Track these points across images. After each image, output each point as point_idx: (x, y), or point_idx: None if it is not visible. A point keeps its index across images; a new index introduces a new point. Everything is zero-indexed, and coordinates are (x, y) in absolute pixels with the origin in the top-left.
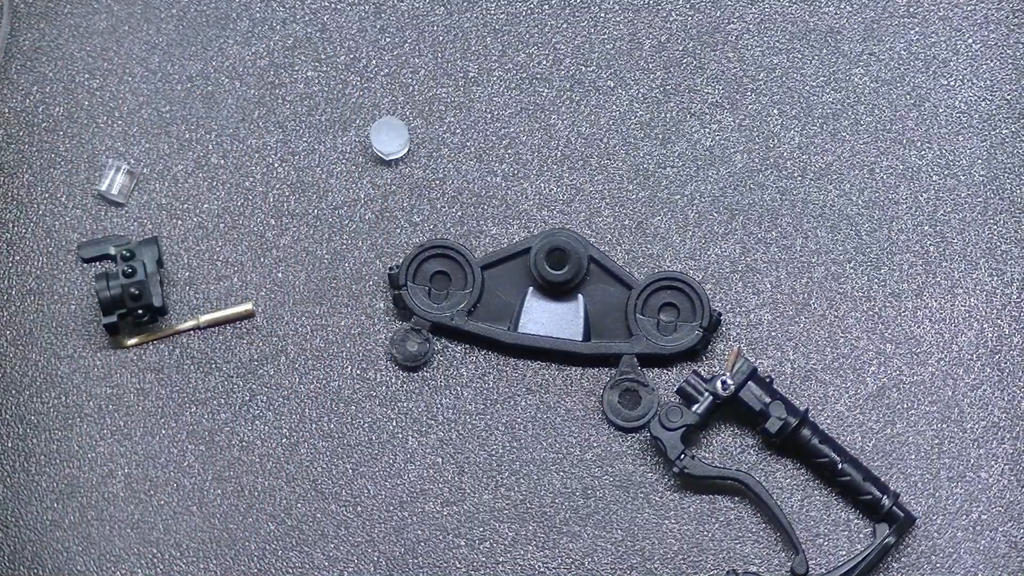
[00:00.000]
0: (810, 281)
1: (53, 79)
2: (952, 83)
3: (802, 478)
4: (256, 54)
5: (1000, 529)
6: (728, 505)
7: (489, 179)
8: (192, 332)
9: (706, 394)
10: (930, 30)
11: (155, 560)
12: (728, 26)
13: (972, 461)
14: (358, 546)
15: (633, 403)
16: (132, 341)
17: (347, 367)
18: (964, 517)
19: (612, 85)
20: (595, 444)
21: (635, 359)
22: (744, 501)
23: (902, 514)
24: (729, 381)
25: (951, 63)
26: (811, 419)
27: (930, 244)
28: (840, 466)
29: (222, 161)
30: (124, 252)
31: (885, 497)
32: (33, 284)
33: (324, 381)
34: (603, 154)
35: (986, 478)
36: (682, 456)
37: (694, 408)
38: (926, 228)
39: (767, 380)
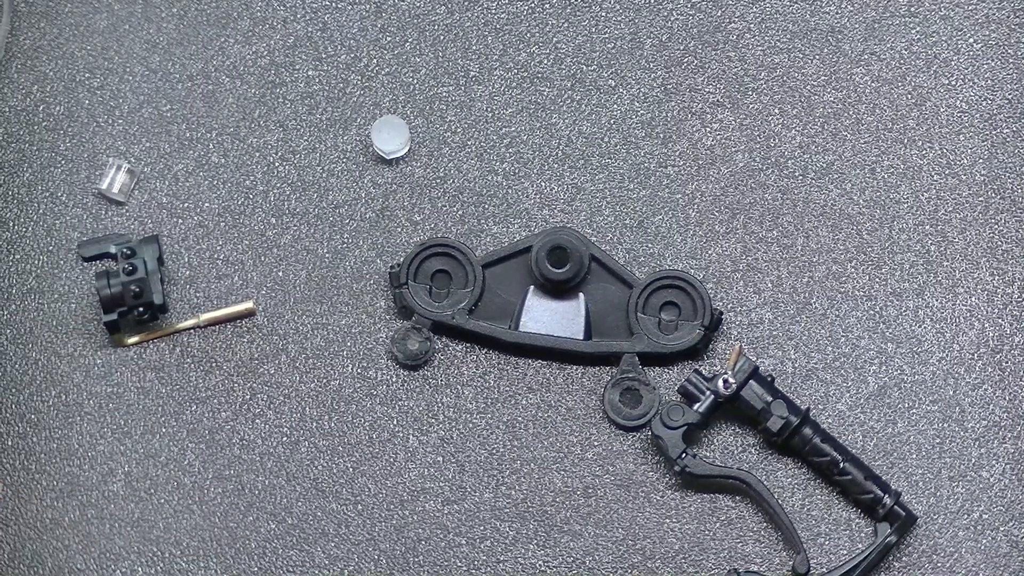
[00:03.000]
0: (811, 280)
1: (54, 78)
2: (953, 82)
3: (803, 477)
4: (257, 53)
5: (1001, 528)
6: (729, 504)
7: (490, 178)
8: (193, 331)
9: (708, 393)
10: (931, 30)
11: (155, 558)
12: (729, 25)
13: (973, 460)
14: (359, 544)
15: (634, 402)
16: (132, 339)
17: (348, 366)
18: (965, 516)
19: (613, 84)
20: (596, 443)
21: (636, 358)
22: (745, 500)
23: (903, 513)
24: (731, 380)
25: (952, 63)
26: (812, 418)
27: (931, 243)
28: (841, 465)
29: (223, 160)
30: (125, 250)
31: (886, 496)
32: (34, 283)
33: (325, 380)
34: (604, 153)
35: (987, 477)
36: (683, 455)
37: (696, 407)
38: (927, 227)
39: (769, 379)
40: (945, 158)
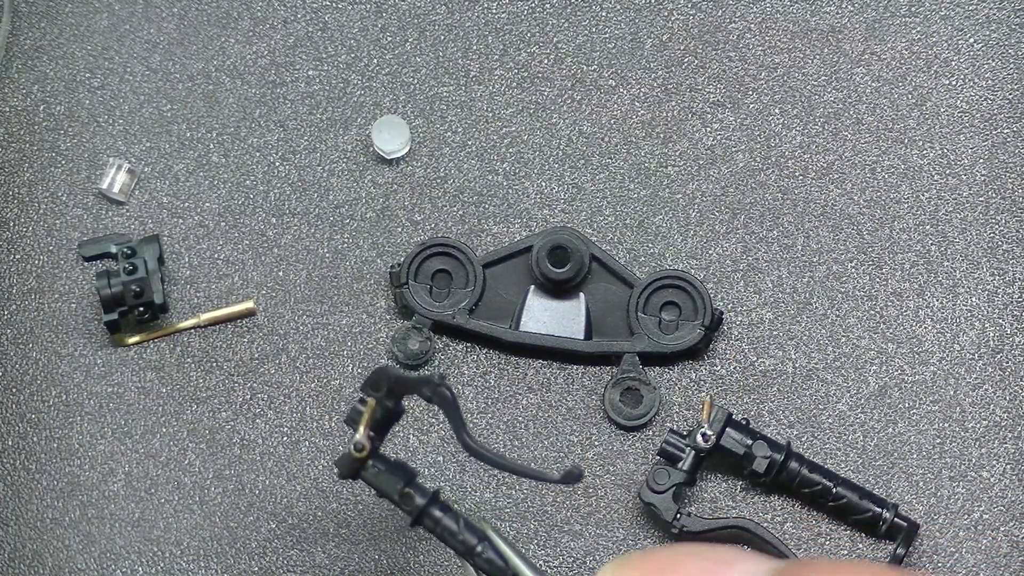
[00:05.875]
0: (812, 280)
1: (54, 78)
2: (954, 82)
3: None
4: (257, 53)
5: (1002, 528)
6: (729, 504)
7: (490, 178)
8: (193, 330)
9: (688, 449)
10: (932, 29)
11: (155, 558)
12: (730, 25)
13: (974, 460)
14: (359, 544)
15: (635, 402)
16: (133, 339)
17: (348, 365)
18: (966, 517)
19: (613, 84)
20: (596, 443)
21: (636, 357)
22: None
23: (905, 524)
24: (709, 432)
25: (953, 62)
26: (796, 450)
27: (932, 243)
28: (835, 490)
29: (223, 160)
30: (125, 250)
31: (884, 511)
32: (34, 282)
33: (325, 379)
34: (604, 153)
35: (988, 477)
36: (678, 516)
37: (679, 466)
38: (928, 227)
39: (744, 422)
40: (945, 158)
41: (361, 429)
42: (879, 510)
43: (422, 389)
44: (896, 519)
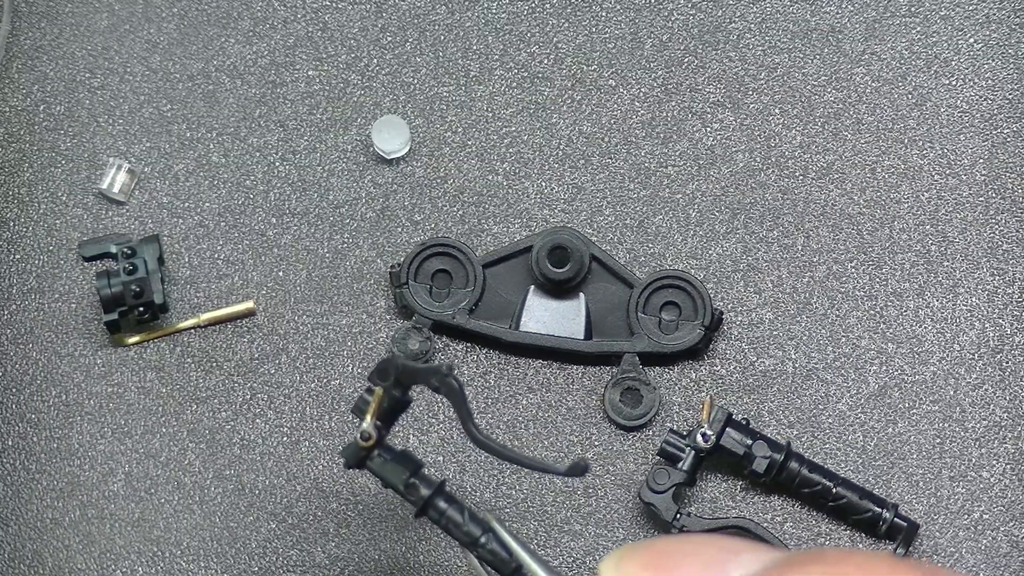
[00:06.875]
0: (812, 280)
1: (54, 78)
2: (954, 82)
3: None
4: (257, 53)
5: (1002, 528)
6: (729, 504)
7: (490, 178)
8: (193, 330)
9: (688, 449)
10: (932, 29)
11: (155, 558)
12: (730, 25)
13: (974, 460)
14: (359, 544)
15: (635, 402)
16: (133, 339)
17: (348, 365)
18: (966, 516)
19: (613, 84)
20: (596, 443)
21: (636, 358)
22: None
23: (905, 524)
24: (709, 432)
25: (953, 62)
26: (796, 450)
27: (932, 243)
28: (835, 490)
29: (223, 160)
30: (125, 250)
31: (884, 511)
32: (34, 282)
33: (325, 379)
34: (604, 153)
35: (988, 477)
36: (678, 516)
37: (679, 466)
38: (928, 227)
39: (744, 422)
40: (945, 158)
41: (368, 418)
42: (879, 510)
43: (430, 379)
44: (896, 519)
